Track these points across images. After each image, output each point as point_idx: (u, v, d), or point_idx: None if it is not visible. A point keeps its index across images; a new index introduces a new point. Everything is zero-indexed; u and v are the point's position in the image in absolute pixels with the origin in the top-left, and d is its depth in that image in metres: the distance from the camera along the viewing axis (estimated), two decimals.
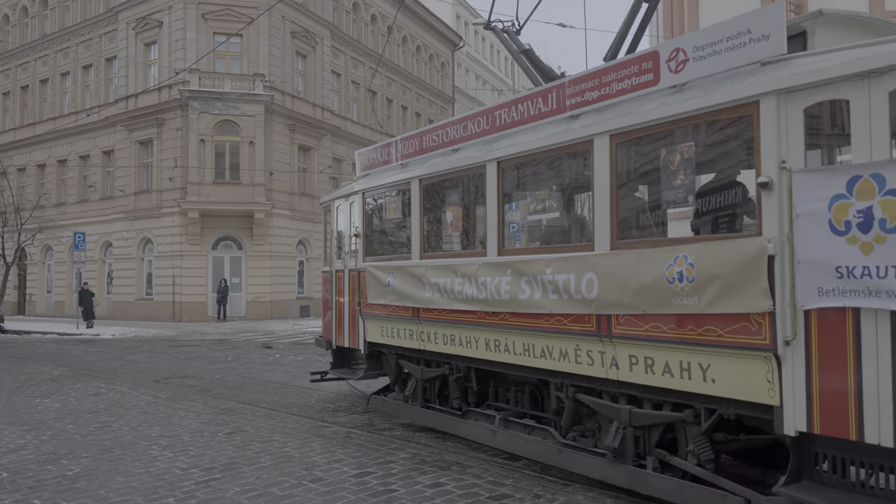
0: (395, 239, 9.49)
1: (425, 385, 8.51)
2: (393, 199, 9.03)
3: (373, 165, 9.53)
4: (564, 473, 6.59)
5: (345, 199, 9.92)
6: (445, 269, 7.48)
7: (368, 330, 9.14)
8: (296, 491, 6.13)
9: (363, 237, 9.30)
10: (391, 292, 8.35)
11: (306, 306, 34.61)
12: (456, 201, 8.22)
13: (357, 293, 9.25)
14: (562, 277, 6.02)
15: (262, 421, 9.28)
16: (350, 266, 9.57)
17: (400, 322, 8.39)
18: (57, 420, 9.48)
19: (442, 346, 7.77)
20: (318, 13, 36.00)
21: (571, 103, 6.29)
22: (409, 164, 8.53)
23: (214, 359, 17.19)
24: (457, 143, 7.77)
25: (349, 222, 9.76)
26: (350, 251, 9.62)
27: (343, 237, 9.92)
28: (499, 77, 60.74)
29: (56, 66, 38.40)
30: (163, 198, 31.92)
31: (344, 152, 38.42)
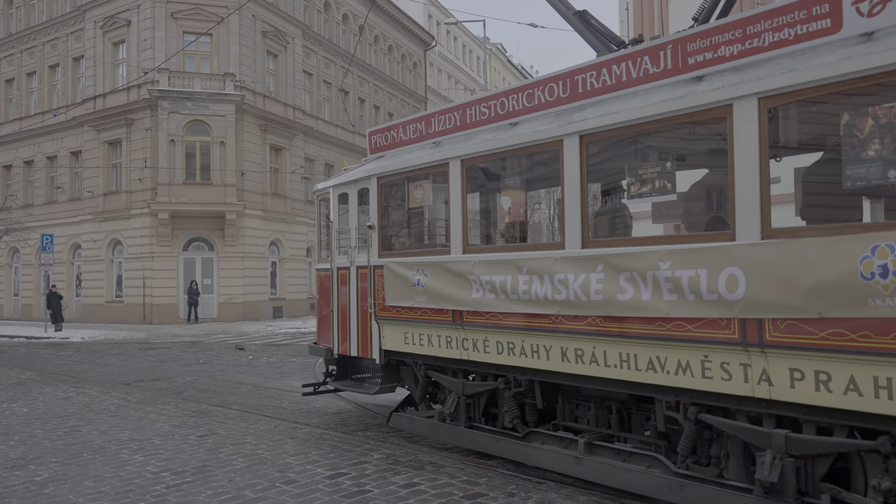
0: (424, 231, 8.59)
1: (468, 401, 7.30)
2: (421, 183, 7.74)
3: (391, 145, 8.36)
4: (538, 472, 6.59)
5: (350, 185, 8.72)
6: (503, 264, 6.38)
7: (386, 336, 7.94)
8: (269, 493, 6.10)
9: (378, 229, 8.10)
10: (421, 293, 7.24)
11: (279, 307, 34.43)
12: (515, 184, 7.27)
13: (370, 294, 8.08)
14: (686, 274, 5.00)
15: (235, 423, 9.22)
16: (359, 263, 8.43)
17: (433, 327, 7.26)
18: (25, 425, 9.34)
19: (494, 357, 6.67)
20: (289, 12, 35.83)
21: (696, 61, 5.27)
22: (445, 143, 7.40)
23: (186, 361, 17.04)
24: (516, 116, 6.69)
25: (356, 212, 8.65)
26: (357, 245, 8.56)
27: (348, 229, 8.79)
28: (471, 76, 60.85)
29: (22, 66, 37.80)
30: (132, 199, 31.57)
31: (316, 152, 38.29)
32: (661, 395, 5.43)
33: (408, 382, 8.26)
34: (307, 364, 15.95)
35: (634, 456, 5.77)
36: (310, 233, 37.23)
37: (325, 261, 9.41)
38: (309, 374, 14.25)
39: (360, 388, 8.71)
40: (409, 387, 8.27)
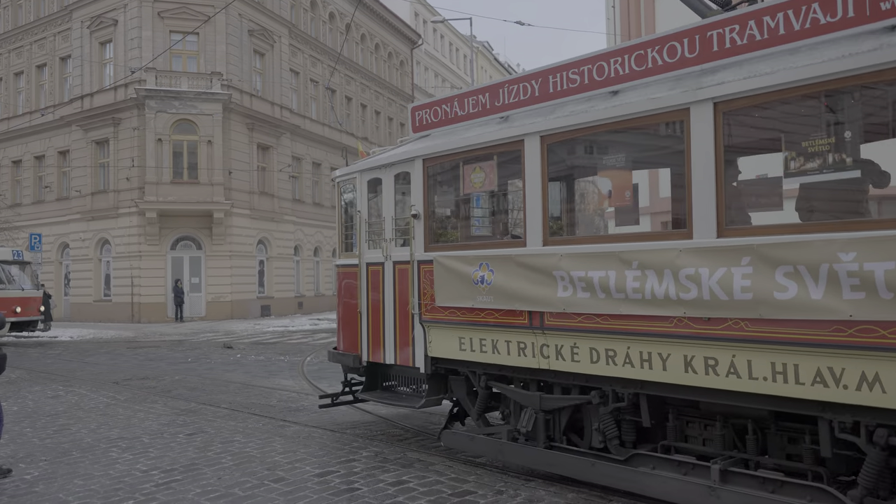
0: (487, 220, 7.87)
1: (547, 418, 6.32)
2: (482, 165, 6.75)
3: (441, 122, 7.43)
4: (525, 470, 6.67)
5: (384, 169, 7.76)
6: (603, 258, 5.48)
7: (434, 342, 7.02)
8: (258, 491, 6.18)
9: (425, 219, 7.16)
10: (486, 291, 6.34)
11: (267, 306, 34.45)
12: (617, 163, 6.30)
13: (414, 293, 7.17)
14: (881, 267, 4.10)
15: (223, 421, 9.29)
16: (398, 257, 7.52)
17: (499, 331, 6.33)
18: (14, 423, 9.38)
19: (586, 366, 5.72)
20: (275, 11, 35.81)
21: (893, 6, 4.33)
22: (517, 117, 6.48)
23: (174, 360, 17.08)
24: (618, 83, 5.77)
25: (392, 200, 7.71)
26: (394, 238, 7.63)
27: (381, 220, 7.82)
28: (458, 75, 60.93)
29: (9, 66, 37.64)
30: (120, 198, 31.51)
31: (303, 151, 38.29)
32: (832, 415, 4.52)
33: (458, 395, 7.27)
34: (295, 363, 16.03)
35: (787, 486, 4.83)
36: (297, 231, 37.24)
37: (350, 255, 8.44)
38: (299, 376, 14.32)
39: (397, 400, 7.73)
40: (461, 399, 7.30)
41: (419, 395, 7.64)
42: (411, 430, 8.57)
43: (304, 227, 37.99)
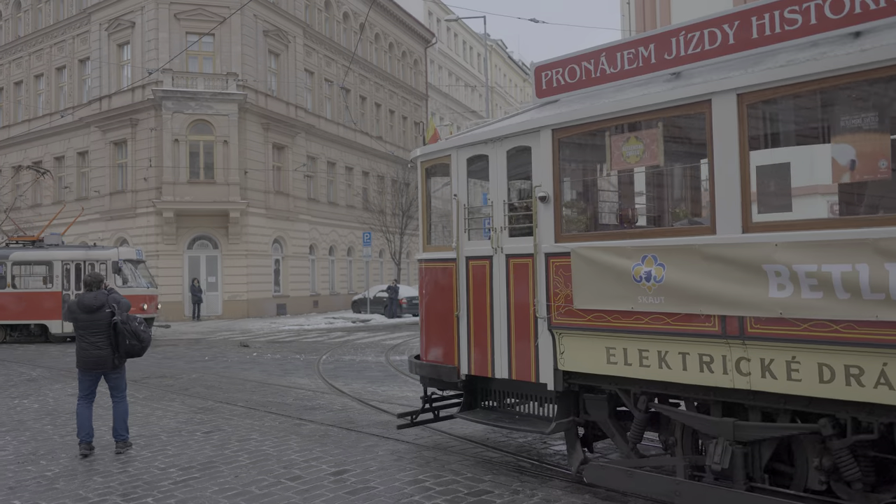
0: (649, 202, 6.90)
1: (745, 452, 5.05)
2: (641, 134, 5.53)
3: (578, 83, 6.34)
4: (541, 470, 6.69)
5: (493, 144, 6.59)
6: (848, 247, 4.31)
7: (569, 352, 5.87)
8: (274, 489, 6.24)
9: (556, 202, 5.97)
10: (653, 291, 5.21)
11: (283, 305, 34.64)
12: (864, 125, 4.84)
13: (541, 293, 6.01)
14: None
15: (240, 420, 9.38)
16: (513, 249, 6.42)
17: (673, 341, 5.18)
18: (35, 420, 9.53)
19: (811, 386, 4.53)
20: (290, 11, 35.97)
21: None
22: (694, 73, 5.46)
23: (192, 358, 17.23)
24: (860, 22, 4.68)
25: (504, 181, 6.56)
26: (507, 226, 6.54)
27: (490, 205, 6.69)
28: (471, 73, 60.91)
29: (30, 69, 38.13)
30: (138, 198, 31.81)
31: (318, 150, 38.43)
32: None
33: (596, 416, 6.04)
34: (311, 361, 16.12)
35: None
36: (312, 230, 37.38)
37: (439, 249, 7.38)
38: (315, 375, 14.40)
39: (510, 423, 6.55)
40: (601, 423, 6.07)
41: (542, 417, 6.49)
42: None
43: (320, 227, 38.14)
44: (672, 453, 5.66)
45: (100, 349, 7.51)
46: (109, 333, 7.51)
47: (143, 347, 7.69)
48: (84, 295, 7.64)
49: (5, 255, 22.93)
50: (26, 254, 23.23)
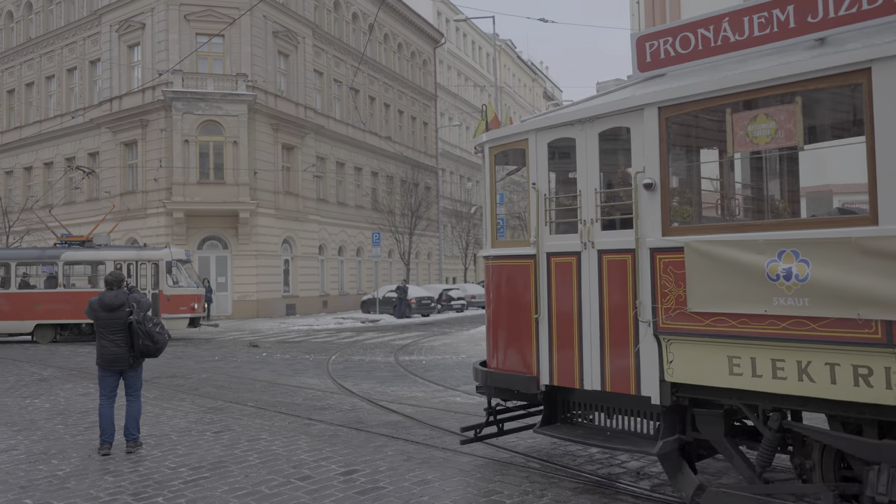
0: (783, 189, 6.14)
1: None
2: (773, 111, 4.81)
3: (694, 54, 5.68)
4: (551, 469, 6.68)
5: (584, 125, 5.84)
6: None
7: (679, 361, 5.20)
8: (284, 489, 6.25)
9: (663, 190, 5.30)
10: (795, 291, 4.56)
11: (292, 305, 34.72)
12: None
13: (647, 294, 5.35)
14: None
15: (250, 419, 9.40)
16: (607, 244, 5.75)
17: (821, 350, 4.51)
18: (47, 420, 9.58)
19: None
20: (299, 12, 36.06)
21: None
22: (845, 38, 4.90)
23: (202, 358, 17.29)
24: None
25: (597, 166, 5.82)
26: (601, 218, 5.83)
27: (578, 194, 5.93)
28: (480, 73, 60.90)
29: (41, 70, 38.38)
30: (148, 198, 31.97)
31: (327, 150, 38.50)
32: None
33: (708, 434, 5.34)
34: (320, 361, 16.15)
35: None
36: (322, 230, 37.42)
37: (511, 244, 6.89)
38: (324, 375, 14.40)
39: (602, 440, 5.88)
40: (715, 442, 5.36)
41: (641, 435, 5.75)
42: (438, 429, 8.59)
43: (329, 227, 38.20)
44: (808, 479, 4.95)
45: (118, 347, 7.62)
46: (127, 332, 7.60)
47: (158, 349, 7.75)
48: (105, 293, 7.71)
49: (56, 255, 23.15)
50: (78, 254, 23.46)
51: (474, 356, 16.73)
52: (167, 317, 22.66)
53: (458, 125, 54.73)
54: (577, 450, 7.35)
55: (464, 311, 37.85)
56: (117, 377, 7.85)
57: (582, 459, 6.92)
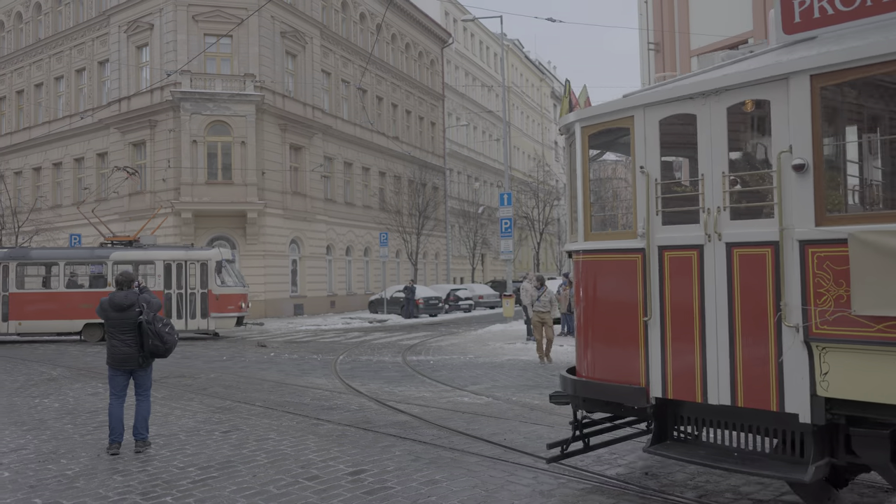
0: None
1: None
2: None
3: (860, 11, 4.77)
4: (561, 469, 6.62)
5: (707, 98, 5.10)
6: None
7: (837, 373, 4.51)
8: (292, 489, 6.25)
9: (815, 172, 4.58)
10: None
11: (300, 305, 34.77)
12: None
13: (793, 292, 4.65)
14: None
15: (258, 419, 9.41)
16: (738, 236, 4.98)
17: None
18: (56, 420, 9.61)
19: None
20: (307, 13, 36.11)
21: None
22: None
23: (210, 358, 17.32)
24: None
25: (724, 145, 5.06)
26: (730, 205, 5.05)
27: (700, 179, 5.18)
28: (488, 73, 60.86)
29: (50, 71, 38.57)
30: (156, 199, 32.03)
31: (335, 151, 38.54)
32: None
33: (871, 459, 4.59)
34: (328, 361, 16.15)
35: None
36: (329, 231, 37.45)
37: (613, 236, 6.09)
38: (332, 375, 14.40)
39: (739, 464, 5.02)
40: (878, 468, 4.64)
41: (783, 457, 4.94)
42: (446, 429, 8.57)
43: (336, 227, 38.24)
44: None
45: (129, 347, 7.65)
46: (137, 332, 7.63)
47: (167, 349, 7.78)
48: (115, 293, 7.74)
49: (106, 254, 23.41)
50: (127, 254, 23.67)
51: (482, 356, 16.73)
52: (216, 316, 23.31)
53: (466, 125, 54.70)
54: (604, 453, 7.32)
55: (471, 311, 37.84)
56: (127, 377, 7.88)
57: (590, 460, 6.89)
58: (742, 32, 20.12)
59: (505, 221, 26.49)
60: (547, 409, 9.70)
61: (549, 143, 73.11)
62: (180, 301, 23.17)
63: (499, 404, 10.26)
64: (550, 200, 53.68)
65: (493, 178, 59.13)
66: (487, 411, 9.66)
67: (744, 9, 20.09)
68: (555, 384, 12.07)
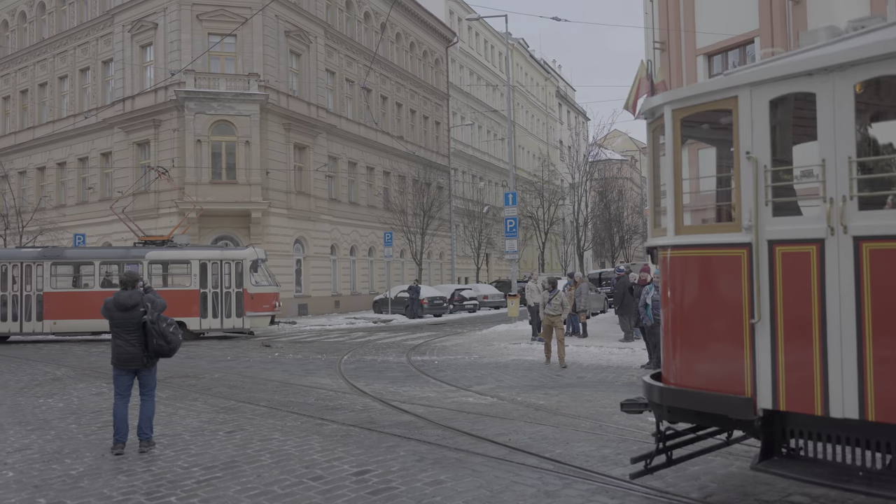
0: None
1: None
2: None
3: None
4: (567, 470, 6.61)
5: (833, 74, 4.59)
6: None
7: None
8: (296, 489, 6.23)
9: None
10: None
11: (304, 305, 34.77)
12: None
13: None
14: None
15: (262, 419, 9.40)
16: (870, 229, 4.47)
17: None
18: (60, 420, 9.61)
19: None
20: (311, 12, 36.11)
21: None
22: None
23: (214, 358, 17.32)
24: None
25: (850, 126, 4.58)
26: (858, 194, 4.55)
27: (826, 165, 4.63)
28: (493, 72, 60.82)
29: (54, 70, 38.61)
30: (160, 198, 32.07)
31: (339, 150, 38.54)
32: None
33: None
34: (332, 361, 16.13)
35: None
36: (334, 230, 37.43)
37: (712, 229, 5.67)
38: (336, 375, 14.37)
39: (872, 486, 4.59)
40: None
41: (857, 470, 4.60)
42: (450, 429, 8.55)
43: (341, 227, 38.25)
44: None
45: (133, 346, 7.64)
46: (141, 332, 7.62)
47: (171, 349, 7.77)
48: (120, 293, 7.74)
49: (141, 254, 23.60)
50: (163, 253, 23.91)
51: (486, 356, 16.70)
52: (252, 315, 23.65)
53: (471, 124, 54.66)
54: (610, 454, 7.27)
55: (476, 311, 37.80)
56: (132, 376, 7.87)
57: (595, 460, 6.86)
58: (748, 31, 20.07)
59: (510, 221, 26.47)
60: (552, 409, 9.67)
61: (554, 143, 73.04)
62: (216, 300, 23.46)
63: (503, 404, 10.23)
64: (555, 200, 53.64)
65: (497, 178, 59.09)
66: (492, 411, 9.63)
67: (750, 8, 20.03)
68: (560, 384, 12.04)
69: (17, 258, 23.29)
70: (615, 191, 57.61)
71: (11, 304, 22.93)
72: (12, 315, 22.89)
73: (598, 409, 9.67)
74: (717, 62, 21.50)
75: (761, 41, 19.68)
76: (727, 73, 5.45)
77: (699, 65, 21.58)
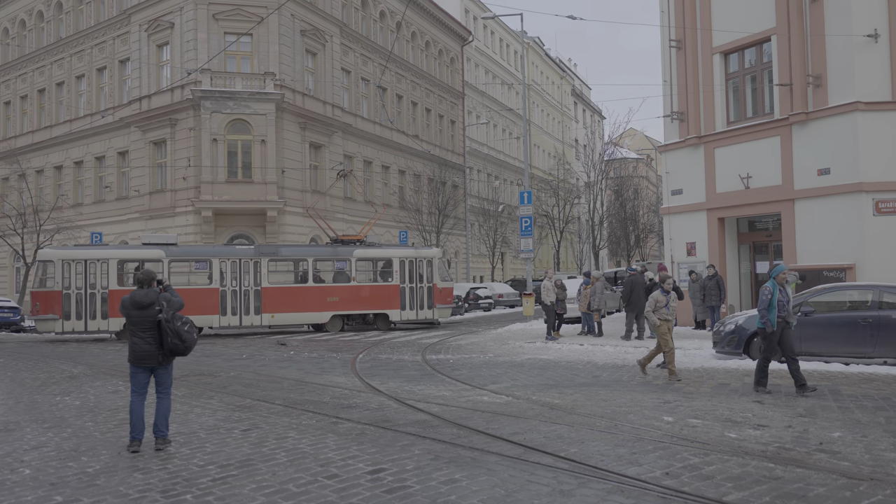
0: None
1: None
2: None
3: None
4: (582, 469, 6.57)
5: None
6: None
7: None
8: (311, 487, 6.21)
9: None
10: None
11: None
12: None
13: None
14: None
15: (277, 418, 9.40)
16: None
17: None
18: (77, 417, 9.65)
19: None
20: (327, 11, 36.17)
21: None
22: None
23: (230, 356, 17.37)
24: None
25: None
26: None
27: None
28: (508, 71, 60.69)
29: (71, 69, 38.87)
30: (177, 197, 32.25)
31: (355, 149, 38.58)
32: None
33: None
34: (347, 360, 16.14)
35: None
36: (349, 229, 37.49)
37: None
38: (351, 373, 14.38)
39: None
40: None
41: None
42: (465, 428, 8.52)
43: (356, 225, 38.28)
44: None
45: (149, 344, 7.68)
46: (157, 330, 7.66)
47: (187, 347, 7.79)
48: (136, 292, 7.77)
49: (349, 252, 25.15)
50: (368, 251, 25.53)
51: (501, 355, 16.66)
52: (440, 307, 25.95)
53: (486, 123, 54.58)
54: (625, 453, 7.21)
55: (491, 309, 37.74)
56: (148, 374, 7.90)
57: (610, 459, 6.81)
58: (765, 29, 19.89)
59: (525, 220, 26.40)
60: (567, 408, 9.61)
61: (569, 141, 72.81)
62: (412, 294, 25.35)
63: (518, 403, 10.18)
64: (571, 199, 53.48)
65: (513, 177, 58.97)
66: (507, 410, 9.59)
67: (767, 5, 19.84)
68: (575, 384, 11.97)
69: (231, 255, 24.17)
70: (631, 189, 57.39)
71: (231, 299, 23.92)
72: (231, 309, 23.89)
73: (613, 408, 9.60)
74: (733, 60, 21.31)
75: (778, 39, 19.48)
76: None
77: (715, 63, 21.40)
